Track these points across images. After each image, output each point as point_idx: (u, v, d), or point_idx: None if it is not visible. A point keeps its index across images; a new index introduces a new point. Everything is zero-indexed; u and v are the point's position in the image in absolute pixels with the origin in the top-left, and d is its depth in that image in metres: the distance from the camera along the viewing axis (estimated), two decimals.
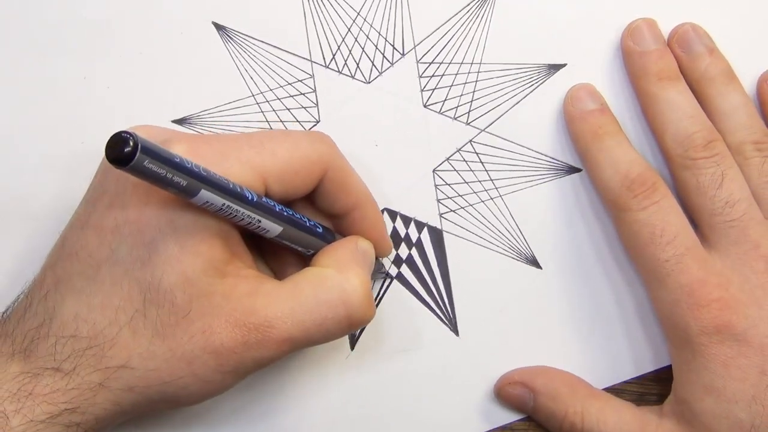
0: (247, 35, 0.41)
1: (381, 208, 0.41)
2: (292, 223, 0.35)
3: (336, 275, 0.34)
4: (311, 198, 0.37)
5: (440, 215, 0.41)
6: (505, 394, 0.40)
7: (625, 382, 0.41)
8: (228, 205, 0.32)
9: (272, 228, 0.34)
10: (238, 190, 0.32)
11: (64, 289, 0.33)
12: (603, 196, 0.40)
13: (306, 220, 0.36)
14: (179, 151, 0.32)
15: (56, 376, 0.32)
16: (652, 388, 0.41)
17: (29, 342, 0.32)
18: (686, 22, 0.41)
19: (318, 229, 0.37)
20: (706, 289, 0.36)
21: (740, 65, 0.41)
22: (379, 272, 0.41)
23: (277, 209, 0.34)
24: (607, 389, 0.41)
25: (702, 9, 0.41)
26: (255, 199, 0.33)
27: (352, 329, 0.35)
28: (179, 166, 0.30)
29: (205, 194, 0.31)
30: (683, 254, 0.37)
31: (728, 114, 0.40)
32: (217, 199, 0.31)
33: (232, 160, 0.33)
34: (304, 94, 0.41)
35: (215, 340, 0.32)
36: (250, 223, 0.33)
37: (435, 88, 0.41)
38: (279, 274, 0.38)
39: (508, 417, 0.41)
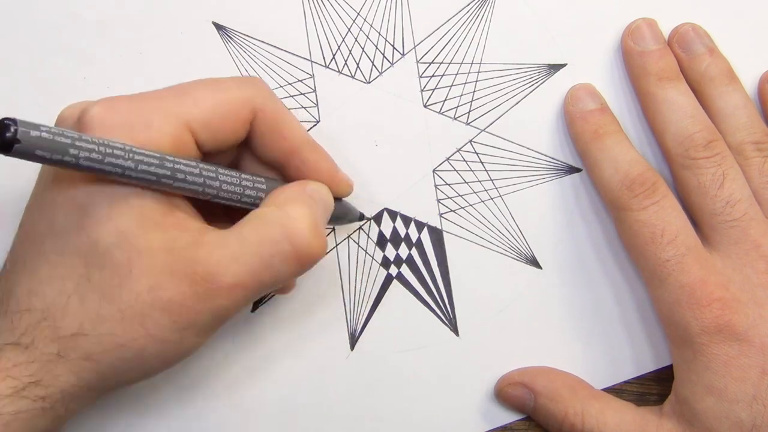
0: (247, 35, 0.41)
1: (381, 208, 0.41)
2: (215, 181, 0.34)
3: (275, 211, 0.34)
4: (250, 148, 0.36)
5: (440, 215, 0.41)
6: (505, 394, 0.40)
7: (625, 381, 0.41)
8: (138, 178, 0.31)
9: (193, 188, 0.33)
10: (140, 164, 0.31)
11: (19, 268, 0.33)
12: (603, 196, 0.40)
13: (236, 175, 0.35)
14: (95, 112, 0.32)
15: (17, 350, 0.32)
16: (652, 388, 0.42)
17: None
18: (686, 22, 0.41)
19: (255, 183, 0.35)
20: (707, 288, 0.36)
21: (740, 65, 0.41)
22: (351, 215, 0.39)
23: (196, 170, 0.33)
24: (608, 389, 0.41)
25: (702, 9, 0.41)
26: (165, 164, 0.32)
27: (303, 266, 0.33)
28: (63, 149, 0.29)
29: (108, 174, 0.30)
30: (684, 254, 0.37)
31: (729, 114, 0.40)
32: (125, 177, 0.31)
33: (152, 111, 0.33)
34: (304, 94, 0.41)
35: (163, 296, 0.32)
36: (165, 185, 0.32)
37: (435, 88, 0.41)
38: None
39: (508, 417, 0.41)
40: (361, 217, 0.40)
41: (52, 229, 0.33)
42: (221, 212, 0.37)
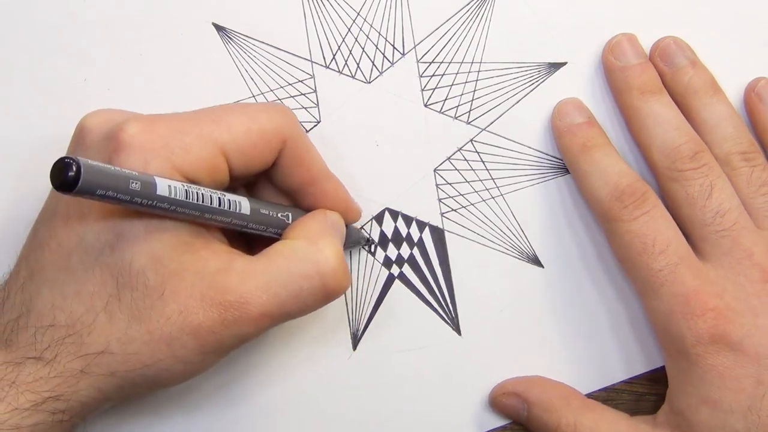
0: (247, 36, 0.41)
1: (382, 207, 0.41)
2: (254, 217, 0.35)
3: (308, 246, 0.34)
4: (269, 175, 0.37)
5: (442, 214, 0.41)
6: (498, 404, 0.40)
7: (624, 382, 0.41)
8: (184, 212, 0.32)
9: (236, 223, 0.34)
10: (192, 200, 0.32)
11: (39, 279, 0.33)
12: (593, 208, 0.40)
13: (268, 210, 0.36)
14: (133, 132, 0.32)
15: (38, 364, 0.32)
16: (651, 389, 0.41)
17: (9, 333, 0.33)
18: (667, 35, 0.41)
19: (280, 215, 0.36)
20: (700, 298, 0.36)
21: (723, 76, 0.41)
22: (359, 239, 0.40)
23: (232, 206, 0.34)
24: (613, 387, 0.41)
25: (684, 21, 0.41)
26: (211, 203, 0.33)
27: (329, 299, 0.35)
28: (123, 191, 0.30)
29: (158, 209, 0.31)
30: (677, 264, 0.37)
31: (714, 125, 0.39)
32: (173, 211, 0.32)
33: (190, 136, 0.33)
34: (304, 95, 0.41)
35: (193, 321, 0.32)
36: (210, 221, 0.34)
37: (435, 88, 0.41)
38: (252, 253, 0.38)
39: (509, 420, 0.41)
40: (367, 240, 0.41)
41: (80, 245, 0.33)
42: (239, 234, 0.37)
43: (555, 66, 0.41)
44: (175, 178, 0.32)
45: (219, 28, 0.41)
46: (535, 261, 0.41)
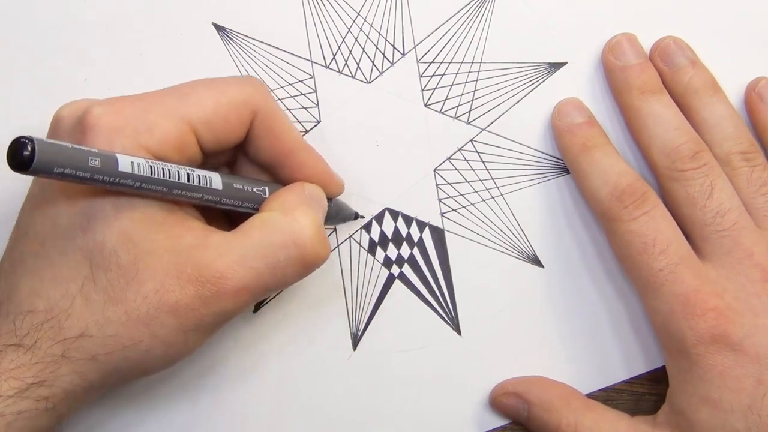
0: (247, 36, 0.41)
1: (382, 207, 0.41)
2: (228, 192, 0.35)
3: (283, 217, 0.34)
4: (245, 150, 0.37)
5: (442, 214, 0.41)
6: (499, 404, 0.40)
7: (625, 382, 0.41)
8: (150, 188, 0.32)
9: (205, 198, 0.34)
10: (155, 174, 0.32)
11: (20, 269, 0.33)
12: (593, 208, 0.40)
13: (242, 185, 0.35)
14: (98, 113, 0.32)
15: (19, 351, 0.32)
16: (651, 389, 0.41)
17: None
18: (667, 35, 0.41)
19: (256, 189, 0.36)
20: (701, 298, 0.36)
21: (723, 76, 0.41)
22: (346, 214, 0.40)
23: (202, 181, 0.34)
24: (614, 386, 0.41)
25: (684, 21, 0.41)
26: (178, 178, 0.32)
27: (308, 269, 0.34)
28: (82, 169, 0.29)
29: (122, 186, 0.31)
30: (677, 263, 0.37)
31: (714, 125, 0.39)
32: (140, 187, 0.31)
33: (156, 113, 0.33)
34: (304, 95, 0.41)
35: (170, 299, 0.32)
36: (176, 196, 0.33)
37: (435, 88, 0.41)
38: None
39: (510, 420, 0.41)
40: (356, 215, 0.40)
41: (54, 230, 0.33)
42: (218, 212, 0.37)
43: (555, 66, 0.41)
44: (141, 156, 0.32)
45: (219, 28, 0.41)
46: (535, 261, 0.41)
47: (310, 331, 0.41)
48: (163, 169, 0.32)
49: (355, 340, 0.41)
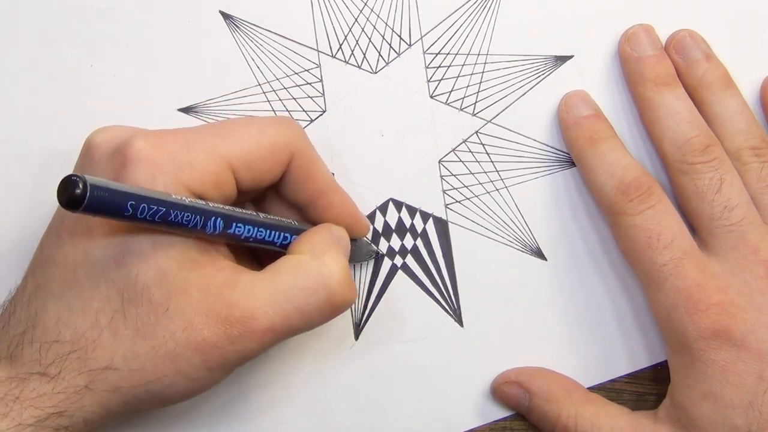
0: (254, 24, 0.41)
1: (386, 198, 0.41)
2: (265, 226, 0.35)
3: (312, 260, 0.34)
4: (277, 188, 0.37)
5: (446, 206, 0.41)
6: (500, 393, 0.40)
7: (625, 382, 0.41)
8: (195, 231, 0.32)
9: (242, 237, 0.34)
10: (198, 223, 0.32)
11: (45, 294, 0.33)
12: (599, 201, 0.40)
13: (275, 220, 0.36)
14: (140, 146, 0.32)
15: (42, 380, 0.32)
16: (651, 388, 0.41)
17: (14, 348, 0.32)
18: (683, 28, 0.41)
19: (289, 225, 0.36)
20: (704, 293, 0.36)
21: (737, 72, 0.41)
22: (367, 253, 0.40)
23: (243, 226, 0.34)
24: (610, 387, 0.41)
25: (699, 14, 0.41)
26: (217, 229, 0.33)
27: (335, 313, 0.35)
28: (130, 209, 0.30)
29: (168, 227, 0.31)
30: (681, 258, 0.37)
31: (726, 119, 0.39)
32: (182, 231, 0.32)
33: (198, 150, 0.33)
34: (310, 84, 0.41)
35: (197, 336, 0.32)
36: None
37: (441, 79, 0.41)
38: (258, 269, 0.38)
39: (511, 410, 0.41)
40: (376, 254, 0.41)
41: (86, 260, 0.33)
42: (247, 252, 0.37)
43: (561, 59, 0.41)
44: (182, 194, 0.32)
45: (226, 16, 0.41)
46: (539, 254, 0.41)
47: None
48: (206, 209, 0.32)
49: (357, 329, 0.41)
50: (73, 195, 0.28)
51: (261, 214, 0.36)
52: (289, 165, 0.36)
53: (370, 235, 0.41)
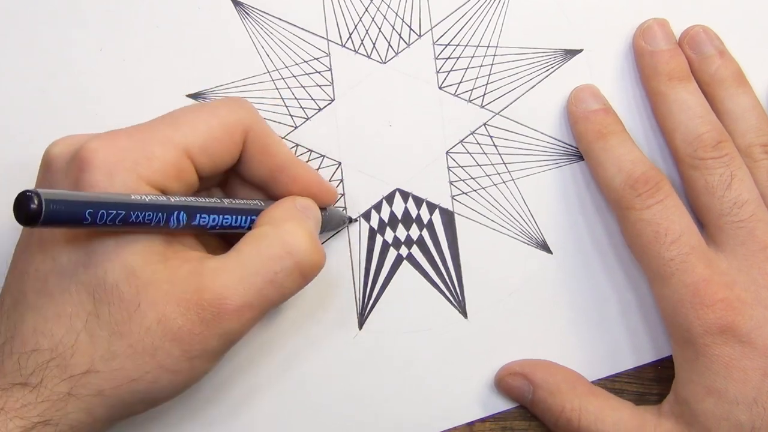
0: (264, 12, 0.41)
1: (393, 188, 0.41)
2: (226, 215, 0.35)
3: (274, 230, 0.34)
4: (239, 170, 0.37)
5: (452, 197, 0.41)
6: (504, 384, 0.40)
7: (626, 381, 0.41)
8: (157, 225, 0.32)
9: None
10: (158, 218, 0.32)
11: (22, 307, 0.33)
12: (607, 195, 0.40)
13: (241, 204, 0.36)
14: (94, 147, 0.32)
15: (25, 390, 0.32)
16: (652, 388, 0.41)
17: None
18: (697, 24, 0.41)
19: (255, 207, 0.36)
20: (710, 288, 0.36)
21: (750, 68, 0.41)
22: (340, 220, 0.40)
23: (201, 216, 0.34)
24: (615, 377, 0.41)
25: (713, 11, 0.41)
26: (181, 222, 0.33)
27: (306, 278, 0.34)
28: (89, 217, 0.30)
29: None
30: (688, 253, 0.37)
31: (738, 116, 0.39)
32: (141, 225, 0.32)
33: (152, 143, 0.33)
34: (319, 72, 0.41)
35: (172, 326, 0.32)
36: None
37: (451, 70, 0.41)
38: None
39: (514, 402, 0.41)
40: (350, 219, 0.41)
41: (55, 268, 0.33)
42: (217, 241, 0.37)
43: (571, 53, 0.41)
44: (142, 190, 0.32)
45: (236, 3, 0.41)
46: (544, 247, 0.41)
47: (316, 310, 0.41)
48: (167, 204, 0.32)
49: (361, 319, 0.41)
50: (29, 211, 0.28)
51: (225, 200, 0.35)
52: (245, 144, 0.36)
53: (376, 224, 0.41)
